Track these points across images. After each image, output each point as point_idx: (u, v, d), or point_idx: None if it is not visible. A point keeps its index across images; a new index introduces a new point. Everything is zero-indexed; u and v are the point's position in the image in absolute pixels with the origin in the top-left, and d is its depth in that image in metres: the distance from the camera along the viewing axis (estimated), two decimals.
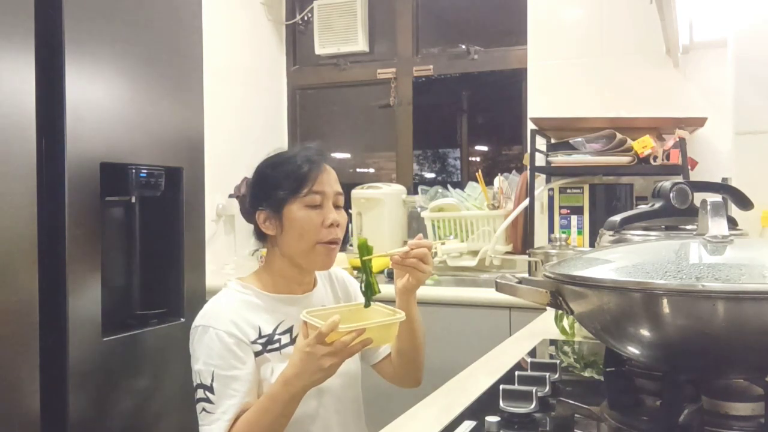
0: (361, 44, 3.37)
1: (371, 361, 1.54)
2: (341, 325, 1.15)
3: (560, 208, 2.61)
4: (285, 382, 1.21)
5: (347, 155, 3.67)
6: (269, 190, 1.37)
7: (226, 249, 3.17)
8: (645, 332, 0.86)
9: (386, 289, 1.42)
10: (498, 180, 2.89)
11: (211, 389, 1.26)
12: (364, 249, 1.34)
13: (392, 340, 1.32)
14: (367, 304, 1.33)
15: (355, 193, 3.05)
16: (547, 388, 1.12)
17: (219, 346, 1.28)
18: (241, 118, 3.27)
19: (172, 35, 1.96)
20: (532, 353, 1.51)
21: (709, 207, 0.95)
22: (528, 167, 2.61)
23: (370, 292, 1.35)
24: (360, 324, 1.19)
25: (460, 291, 2.49)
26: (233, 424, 1.24)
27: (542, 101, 2.86)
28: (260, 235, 1.42)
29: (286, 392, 1.21)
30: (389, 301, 1.38)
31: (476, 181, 2.90)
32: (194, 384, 1.30)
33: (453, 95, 3.52)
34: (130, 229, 1.93)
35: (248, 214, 1.43)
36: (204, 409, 1.27)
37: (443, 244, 2.82)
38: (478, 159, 3.48)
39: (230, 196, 3.10)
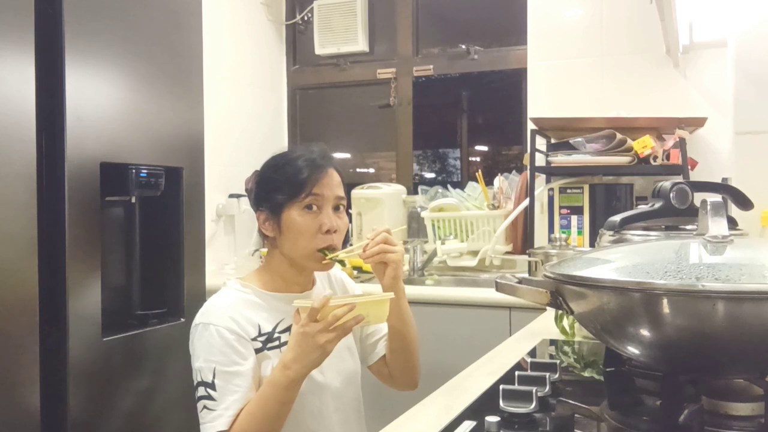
0: (361, 44, 3.37)
1: (368, 362, 1.54)
2: (332, 301, 1.20)
3: (560, 208, 2.61)
4: (284, 367, 1.22)
5: (347, 155, 3.67)
6: (269, 192, 1.38)
7: (226, 249, 3.17)
8: (645, 332, 0.86)
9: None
10: (498, 180, 2.89)
11: (212, 386, 1.26)
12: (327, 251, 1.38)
13: (384, 318, 1.33)
14: None
15: (355, 193, 3.05)
16: (547, 388, 1.12)
17: (220, 342, 1.28)
18: (241, 118, 3.27)
19: (172, 35, 1.96)
20: (532, 353, 1.51)
21: (709, 207, 0.95)
22: (528, 167, 2.61)
23: None
24: (349, 297, 1.25)
25: (460, 291, 2.49)
26: (235, 419, 1.24)
27: (542, 101, 2.86)
28: (263, 234, 1.43)
29: (285, 377, 1.21)
30: None
31: (476, 181, 2.90)
32: (194, 382, 1.29)
33: (453, 95, 3.52)
34: (130, 229, 1.93)
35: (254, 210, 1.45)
36: (205, 407, 1.26)
37: (444, 244, 2.83)
38: (478, 159, 3.47)
39: (230, 196, 3.11)
